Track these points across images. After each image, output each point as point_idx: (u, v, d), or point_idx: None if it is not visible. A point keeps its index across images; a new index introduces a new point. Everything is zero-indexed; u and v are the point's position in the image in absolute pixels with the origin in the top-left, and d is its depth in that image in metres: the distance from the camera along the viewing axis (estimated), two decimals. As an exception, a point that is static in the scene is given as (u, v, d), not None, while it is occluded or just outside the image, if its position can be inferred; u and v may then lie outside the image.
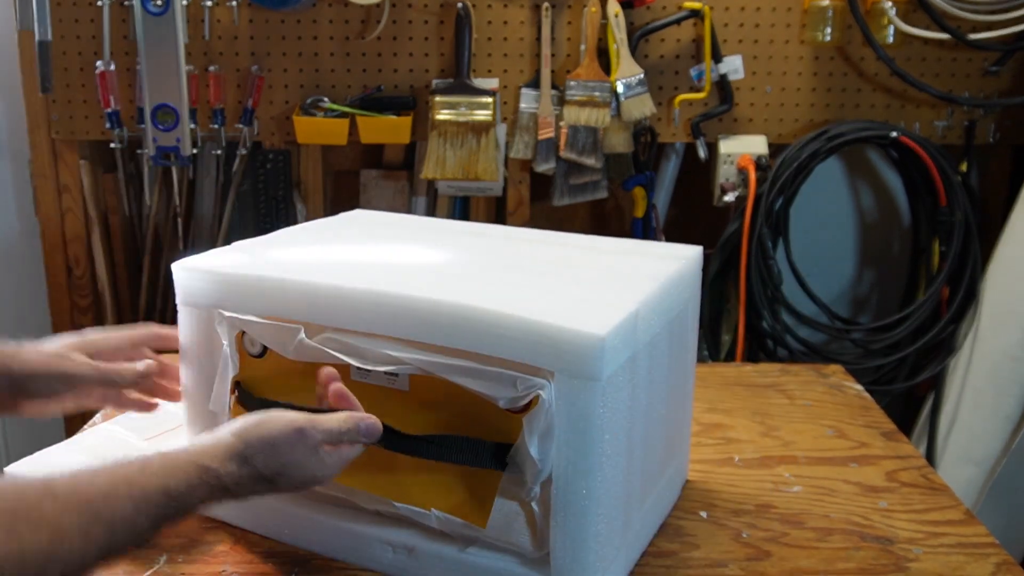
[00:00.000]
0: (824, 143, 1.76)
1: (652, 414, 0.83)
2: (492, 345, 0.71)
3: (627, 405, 0.75)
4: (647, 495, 0.85)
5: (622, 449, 0.76)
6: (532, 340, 0.70)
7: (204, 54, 1.82)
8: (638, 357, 0.76)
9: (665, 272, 0.85)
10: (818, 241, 1.96)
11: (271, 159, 1.95)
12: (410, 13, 1.81)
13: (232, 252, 0.90)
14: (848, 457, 1.06)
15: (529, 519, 0.76)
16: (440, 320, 0.73)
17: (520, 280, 0.84)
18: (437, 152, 1.79)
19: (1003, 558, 0.86)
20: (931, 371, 1.81)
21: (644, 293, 0.78)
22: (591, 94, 1.78)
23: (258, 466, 0.70)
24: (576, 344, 0.69)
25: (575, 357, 0.69)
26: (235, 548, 0.86)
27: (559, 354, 0.69)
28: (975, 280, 1.77)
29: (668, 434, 0.90)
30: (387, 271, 0.85)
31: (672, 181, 1.97)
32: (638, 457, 0.80)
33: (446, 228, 1.08)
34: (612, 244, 0.98)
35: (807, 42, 1.82)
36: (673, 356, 0.87)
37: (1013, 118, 1.86)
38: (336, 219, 1.09)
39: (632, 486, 0.80)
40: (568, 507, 0.73)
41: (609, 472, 0.74)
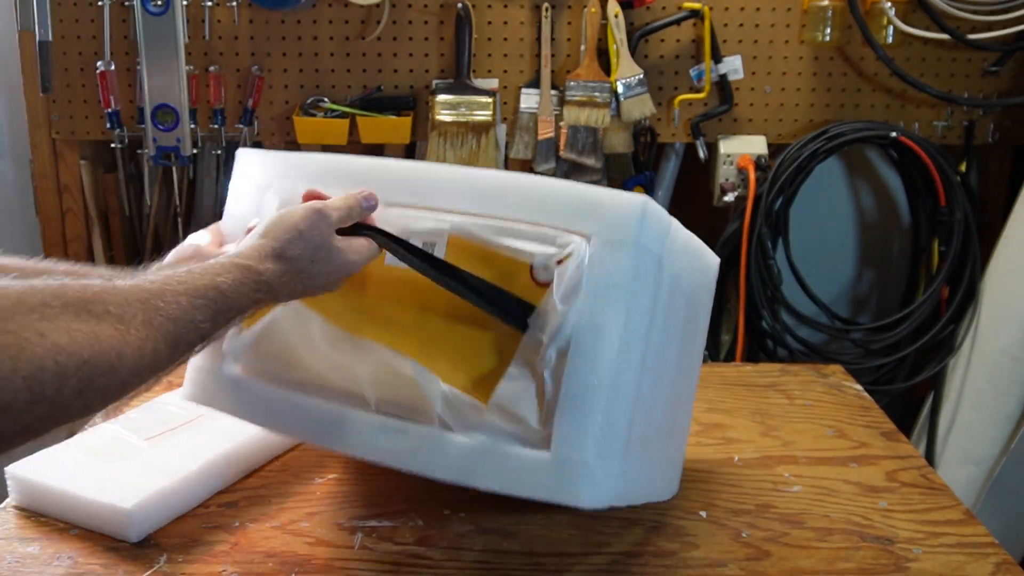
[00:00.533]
0: (824, 143, 1.76)
1: (665, 358, 0.83)
2: (535, 211, 0.77)
3: (651, 302, 0.77)
4: (648, 442, 0.84)
5: (639, 345, 0.76)
6: (574, 205, 0.76)
7: (204, 54, 1.82)
8: (665, 269, 0.78)
9: (693, 240, 0.87)
10: (818, 241, 1.96)
11: (271, 159, 1.95)
12: (410, 13, 1.82)
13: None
14: (848, 457, 1.06)
15: (539, 393, 0.76)
16: (486, 189, 0.79)
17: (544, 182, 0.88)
18: (437, 152, 1.79)
19: (1003, 558, 0.86)
20: (931, 371, 1.81)
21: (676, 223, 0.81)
22: (591, 94, 1.78)
23: (292, 256, 0.74)
24: (618, 207, 0.74)
25: (614, 217, 0.74)
26: (235, 548, 0.86)
27: (599, 216, 0.75)
28: (975, 280, 1.78)
29: (671, 411, 0.89)
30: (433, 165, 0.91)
31: (672, 181, 1.97)
32: (647, 381, 0.79)
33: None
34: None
35: (807, 42, 1.82)
36: (687, 331, 0.87)
37: (1013, 118, 1.86)
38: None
39: (638, 404, 0.78)
40: (579, 376, 0.74)
41: (624, 357, 0.75)
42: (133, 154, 1.89)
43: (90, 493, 0.88)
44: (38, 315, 0.52)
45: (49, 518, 0.89)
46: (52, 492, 0.90)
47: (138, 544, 0.85)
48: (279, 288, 0.73)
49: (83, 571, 0.81)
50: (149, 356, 0.59)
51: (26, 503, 0.92)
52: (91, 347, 0.54)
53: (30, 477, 0.92)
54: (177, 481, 0.90)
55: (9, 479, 0.93)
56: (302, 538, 0.87)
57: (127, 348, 0.57)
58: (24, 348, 0.49)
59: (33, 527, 0.88)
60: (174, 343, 0.62)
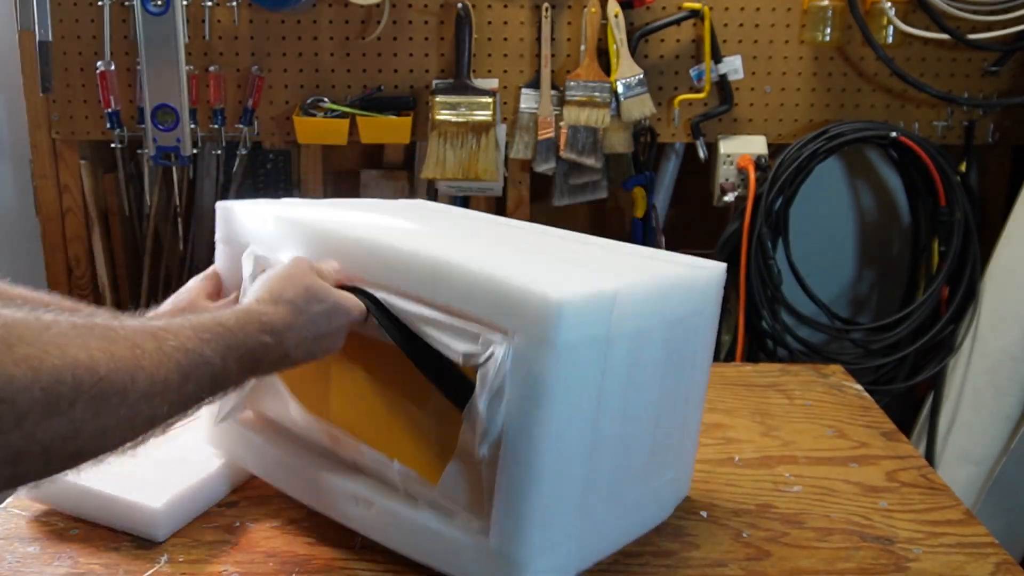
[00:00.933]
0: (824, 143, 1.76)
1: (633, 411, 0.81)
2: (459, 298, 0.74)
3: (594, 386, 0.74)
4: (621, 493, 0.83)
5: (583, 430, 0.74)
6: (493, 296, 0.72)
7: (204, 54, 1.82)
8: (616, 343, 0.75)
9: (669, 273, 0.84)
10: (818, 241, 1.96)
11: (271, 159, 1.95)
12: (410, 13, 1.82)
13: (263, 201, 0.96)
14: (848, 457, 1.06)
15: (477, 484, 0.75)
16: (415, 270, 0.77)
17: (512, 254, 0.86)
18: (437, 152, 1.80)
19: (1003, 558, 0.86)
20: (931, 371, 1.81)
21: (630, 282, 0.78)
22: (591, 94, 1.78)
23: (289, 299, 0.74)
24: (531, 303, 0.69)
25: (530, 316, 0.69)
26: (235, 548, 0.86)
27: (515, 311, 0.70)
28: (975, 280, 1.78)
29: (658, 440, 0.87)
30: (388, 229, 0.90)
31: (672, 181, 1.97)
32: (607, 448, 0.78)
33: (461, 214, 1.11)
34: (638, 249, 0.98)
35: (807, 42, 1.82)
36: (672, 361, 0.84)
37: (1013, 118, 1.86)
38: (362, 200, 1.15)
39: (597, 474, 0.78)
40: (512, 474, 0.72)
41: (562, 447, 0.72)
42: (133, 154, 1.89)
43: (115, 491, 0.87)
44: (61, 336, 0.53)
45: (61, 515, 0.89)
46: (73, 490, 0.88)
47: (138, 544, 0.85)
48: (285, 331, 0.73)
49: (83, 571, 0.81)
50: (160, 383, 0.59)
51: (45, 500, 0.91)
52: (107, 364, 0.54)
53: None
54: (202, 479, 0.91)
55: None
56: (302, 538, 0.87)
57: (140, 372, 0.57)
58: (44, 360, 0.50)
59: (33, 527, 0.88)
60: (185, 375, 0.62)
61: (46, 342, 0.51)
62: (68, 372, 0.51)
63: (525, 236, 0.99)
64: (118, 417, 0.55)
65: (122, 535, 0.87)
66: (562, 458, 0.73)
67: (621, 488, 0.83)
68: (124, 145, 1.84)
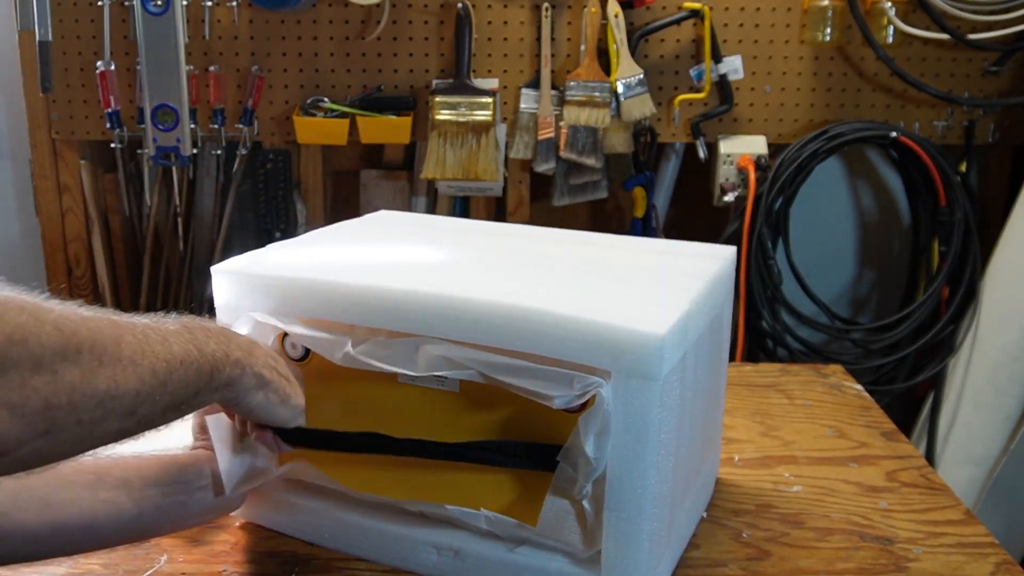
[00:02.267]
0: (824, 143, 1.76)
1: (695, 413, 0.83)
2: (550, 346, 0.70)
3: (678, 404, 0.75)
4: (688, 493, 0.85)
5: (672, 448, 0.75)
6: (591, 340, 0.69)
7: (204, 54, 1.82)
8: (688, 356, 0.76)
9: (707, 271, 0.84)
10: (818, 241, 1.96)
11: (271, 159, 1.95)
12: (410, 13, 1.82)
13: (268, 254, 0.87)
14: (848, 457, 1.06)
15: (580, 517, 0.75)
16: (496, 322, 0.72)
17: (567, 280, 0.83)
18: (437, 152, 1.80)
19: (1003, 558, 0.86)
20: (931, 371, 1.81)
21: (692, 292, 0.77)
22: (591, 94, 1.78)
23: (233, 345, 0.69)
24: (636, 344, 0.68)
25: (635, 357, 0.68)
26: (235, 548, 0.86)
27: (618, 354, 0.69)
28: (975, 280, 1.77)
29: (705, 433, 0.90)
30: (432, 272, 0.83)
31: (672, 181, 1.97)
32: (683, 456, 0.80)
33: (473, 228, 1.06)
34: (643, 243, 0.98)
35: (807, 42, 1.82)
36: (712, 356, 0.87)
37: (1013, 118, 1.86)
38: (362, 221, 1.06)
39: (678, 484, 0.80)
40: (622, 505, 0.72)
41: (662, 471, 0.73)
42: (133, 154, 1.89)
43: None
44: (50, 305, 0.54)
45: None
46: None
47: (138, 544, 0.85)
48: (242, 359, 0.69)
49: (83, 571, 0.81)
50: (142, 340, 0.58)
51: None
52: (88, 326, 0.54)
53: None
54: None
55: None
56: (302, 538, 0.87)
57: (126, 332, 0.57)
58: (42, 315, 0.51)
59: (33, 527, 0.88)
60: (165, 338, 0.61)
61: (39, 307, 0.52)
62: (64, 320, 0.52)
63: (542, 249, 0.94)
64: (122, 367, 0.55)
65: (122, 535, 0.87)
66: (661, 484, 0.73)
67: (688, 488, 0.85)
68: (124, 145, 1.84)
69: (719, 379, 0.94)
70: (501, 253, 0.92)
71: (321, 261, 0.86)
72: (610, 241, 1.00)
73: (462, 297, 0.73)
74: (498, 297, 0.72)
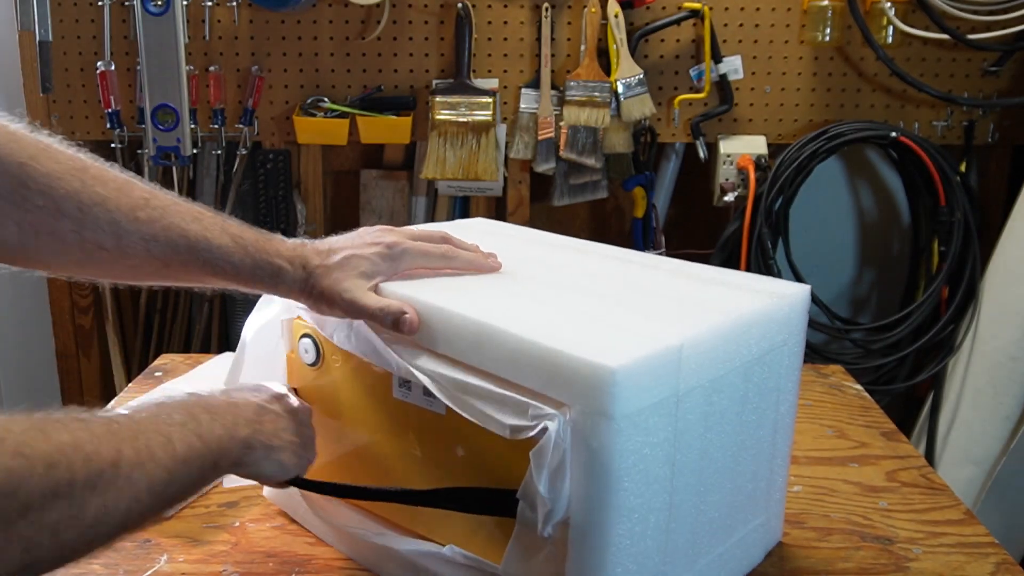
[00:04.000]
0: (824, 143, 1.76)
1: (710, 466, 0.74)
2: (510, 369, 0.67)
3: (666, 451, 0.68)
4: (701, 552, 0.77)
5: (657, 499, 0.68)
6: (541, 364, 0.64)
7: (204, 54, 1.82)
8: (687, 399, 0.69)
9: (745, 308, 0.75)
10: (818, 241, 1.96)
11: (271, 159, 1.95)
12: (410, 13, 1.82)
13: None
14: (848, 457, 1.06)
15: (549, 558, 0.69)
16: (464, 336, 0.70)
17: (570, 302, 0.77)
18: (437, 152, 1.80)
19: (1003, 558, 0.86)
20: (931, 371, 1.81)
21: (699, 328, 0.70)
22: (591, 94, 1.78)
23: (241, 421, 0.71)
24: (586, 375, 0.62)
25: (586, 389, 0.62)
26: (235, 548, 0.86)
27: (568, 382, 0.63)
28: (975, 280, 1.78)
29: (740, 487, 0.80)
30: (436, 285, 0.80)
31: (672, 181, 1.97)
32: (687, 511, 0.72)
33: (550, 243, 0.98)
34: (709, 272, 0.88)
35: (807, 42, 1.82)
36: (752, 403, 0.78)
37: (1013, 118, 1.86)
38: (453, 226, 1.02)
39: (674, 540, 0.72)
40: (584, 555, 0.66)
41: (635, 521, 0.67)
42: (133, 154, 1.89)
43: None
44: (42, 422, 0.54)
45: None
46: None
47: (138, 544, 0.85)
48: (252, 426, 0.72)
49: (83, 571, 0.81)
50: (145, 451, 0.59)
51: None
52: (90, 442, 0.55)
53: None
54: None
55: None
56: (302, 538, 0.87)
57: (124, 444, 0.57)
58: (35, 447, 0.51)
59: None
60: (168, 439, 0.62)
61: (34, 437, 0.52)
62: (58, 455, 0.52)
63: (585, 269, 0.88)
64: (116, 490, 0.56)
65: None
66: (636, 532, 0.67)
67: (702, 548, 0.76)
68: (124, 145, 1.84)
69: (771, 429, 0.82)
70: (538, 269, 0.87)
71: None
72: (666, 266, 0.91)
73: (437, 306, 0.72)
74: (473, 313, 0.70)
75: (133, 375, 1.89)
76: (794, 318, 0.81)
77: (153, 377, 1.22)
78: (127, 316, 2.01)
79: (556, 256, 0.92)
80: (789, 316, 0.80)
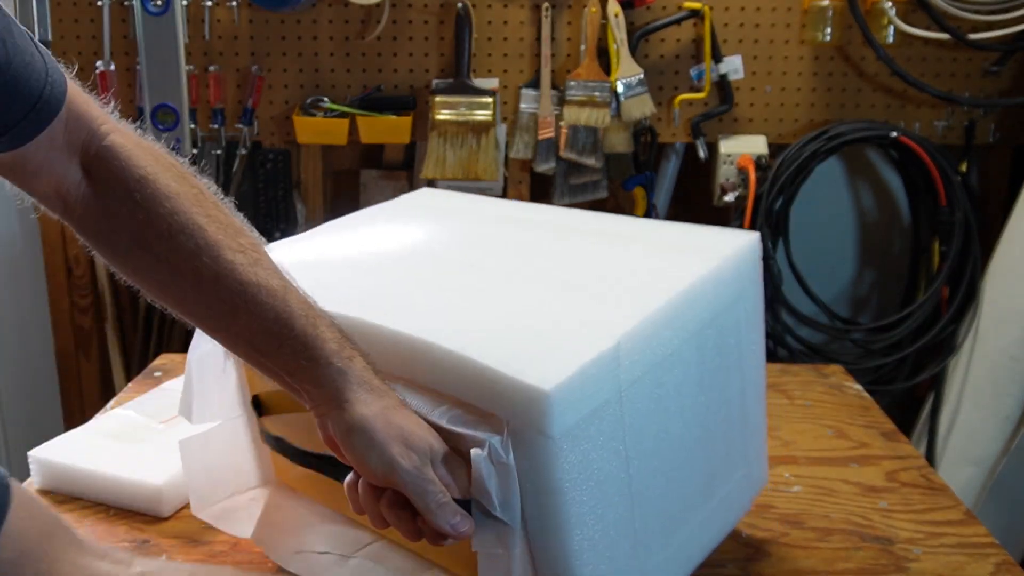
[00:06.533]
0: (824, 143, 1.76)
1: (674, 441, 0.73)
2: (446, 384, 0.66)
3: (616, 449, 0.66)
4: (682, 523, 0.76)
5: (614, 496, 0.67)
6: (481, 383, 0.63)
7: (204, 54, 1.82)
8: (632, 391, 0.67)
9: (691, 277, 0.74)
10: (818, 241, 1.96)
11: (271, 159, 1.95)
12: (410, 13, 1.82)
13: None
14: (848, 457, 1.06)
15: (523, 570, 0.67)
16: (398, 353, 0.68)
17: (506, 298, 0.74)
18: (437, 152, 1.80)
19: (1003, 558, 0.86)
20: (931, 371, 1.81)
21: (638, 317, 0.68)
22: (591, 94, 1.78)
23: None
24: (521, 397, 0.60)
25: (522, 410, 0.61)
26: (235, 548, 0.86)
27: (506, 403, 0.62)
28: (975, 280, 1.77)
29: (714, 448, 0.79)
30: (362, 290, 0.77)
31: (672, 181, 1.97)
32: (652, 494, 0.71)
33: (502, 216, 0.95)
34: (666, 232, 0.85)
35: (807, 42, 1.82)
36: (712, 363, 0.76)
37: (1013, 118, 1.86)
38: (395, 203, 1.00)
39: (646, 524, 0.71)
40: (549, 566, 0.65)
41: (594, 524, 0.65)
42: (133, 154, 1.88)
43: (120, 472, 0.92)
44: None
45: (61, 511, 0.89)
46: (79, 473, 0.93)
47: (138, 544, 0.85)
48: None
49: (82, 571, 0.81)
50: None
51: (50, 485, 0.95)
52: None
53: (55, 459, 0.95)
54: None
55: (32, 463, 0.96)
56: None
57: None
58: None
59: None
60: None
61: None
62: None
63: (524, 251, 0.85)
64: None
65: (122, 534, 0.87)
66: (596, 534, 0.66)
67: (679, 519, 0.76)
68: (124, 145, 1.84)
69: (742, 377, 0.81)
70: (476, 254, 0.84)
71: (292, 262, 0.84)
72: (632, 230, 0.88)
73: (367, 322, 0.69)
74: (404, 327, 0.68)
75: (133, 375, 1.89)
76: (746, 271, 0.78)
77: (153, 377, 1.22)
78: (127, 316, 2.01)
79: (497, 234, 0.89)
80: (739, 271, 0.77)
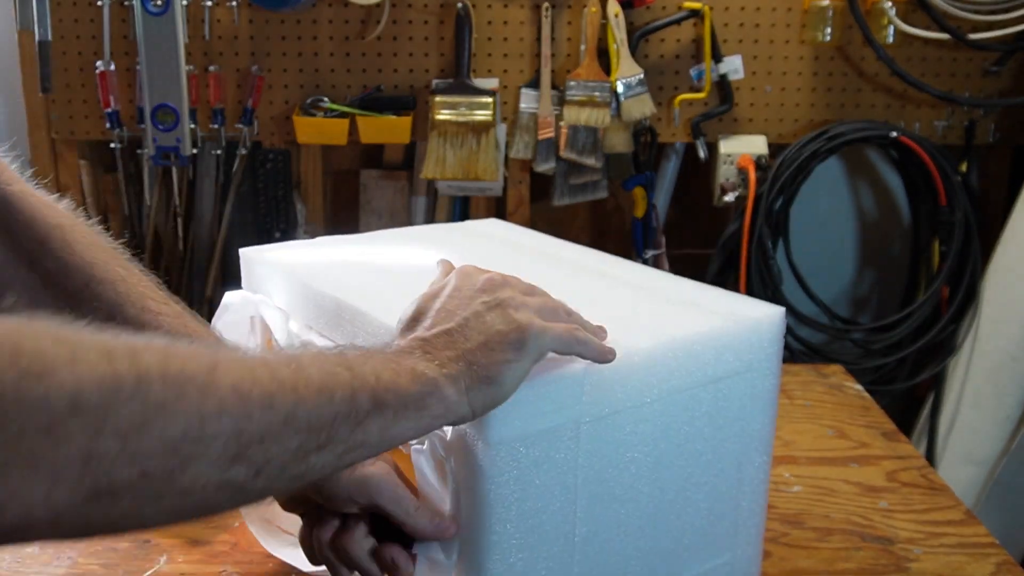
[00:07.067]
0: (824, 143, 1.76)
1: (639, 498, 0.69)
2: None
3: (564, 482, 0.64)
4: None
5: (553, 531, 0.64)
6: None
7: (204, 54, 1.82)
8: (595, 426, 0.64)
9: (686, 330, 0.70)
10: (818, 241, 1.96)
11: (271, 159, 1.95)
12: (410, 13, 1.81)
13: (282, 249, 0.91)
14: (848, 457, 1.06)
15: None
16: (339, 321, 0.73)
17: None
18: (437, 152, 1.79)
19: (1003, 558, 0.86)
20: (931, 371, 1.81)
21: (626, 350, 0.65)
22: (591, 94, 1.78)
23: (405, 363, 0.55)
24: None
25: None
26: (235, 548, 0.86)
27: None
28: (975, 280, 1.77)
29: (691, 524, 0.74)
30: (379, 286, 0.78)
31: (672, 181, 1.97)
32: (602, 546, 0.67)
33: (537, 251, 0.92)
34: (687, 288, 0.81)
35: (807, 42, 1.82)
36: (699, 432, 0.72)
37: (1013, 118, 1.86)
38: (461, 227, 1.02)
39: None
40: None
41: (520, 557, 0.63)
42: (133, 154, 1.89)
43: None
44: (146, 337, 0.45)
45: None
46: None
47: (138, 544, 0.85)
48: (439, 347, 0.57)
49: (83, 571, 0.81)
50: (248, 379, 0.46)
51: None
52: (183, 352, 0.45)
53: None
54: None
55: None
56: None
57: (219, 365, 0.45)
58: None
59: (32, 527, 0.88)
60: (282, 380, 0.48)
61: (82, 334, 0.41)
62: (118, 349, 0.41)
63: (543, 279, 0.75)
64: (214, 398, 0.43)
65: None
66: (520, 564, 0.63)
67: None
68: (124, 145, 1.84)
69: (740, 455, 0.75)
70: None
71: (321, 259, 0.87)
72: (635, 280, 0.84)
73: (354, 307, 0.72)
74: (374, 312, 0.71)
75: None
76: (759, 343, 0.73)
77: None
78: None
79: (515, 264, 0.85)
80: (751, 340, 0.73)
